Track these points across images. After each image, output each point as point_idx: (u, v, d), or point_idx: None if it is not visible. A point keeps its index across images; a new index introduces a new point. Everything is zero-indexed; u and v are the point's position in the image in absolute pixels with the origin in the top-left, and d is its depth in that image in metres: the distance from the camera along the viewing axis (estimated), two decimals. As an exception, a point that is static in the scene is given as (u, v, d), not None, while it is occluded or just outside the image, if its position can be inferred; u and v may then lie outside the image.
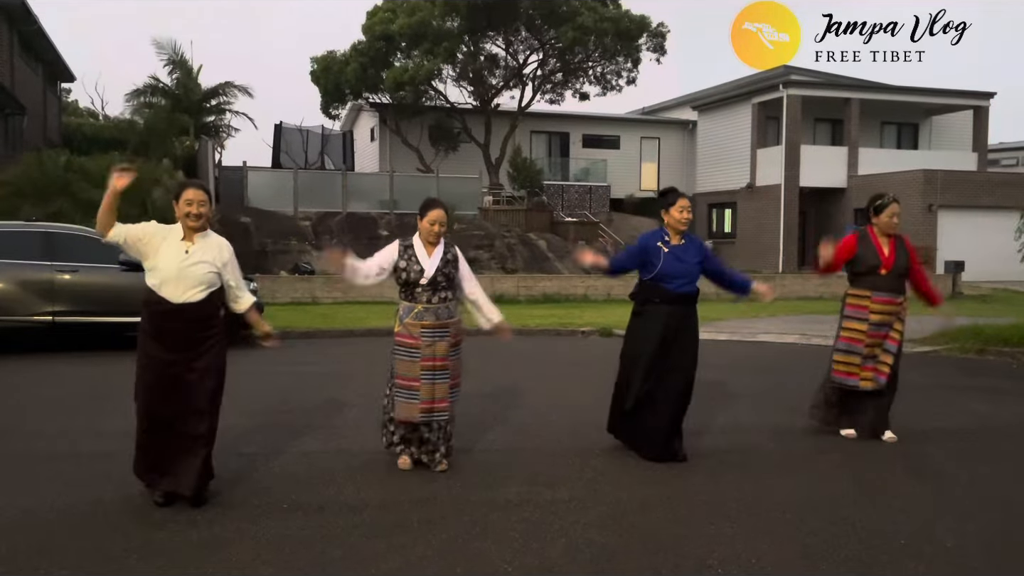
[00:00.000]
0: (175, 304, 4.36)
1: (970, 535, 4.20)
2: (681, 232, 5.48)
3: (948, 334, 11.51)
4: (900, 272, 5.96)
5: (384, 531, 4.13)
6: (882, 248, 5.95)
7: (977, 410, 7.36)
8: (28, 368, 9.25)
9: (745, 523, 4.30)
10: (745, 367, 9.72)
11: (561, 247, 24.37)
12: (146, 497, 4.52)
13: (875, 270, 5.92)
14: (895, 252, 5.95)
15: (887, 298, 5.91)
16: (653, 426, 5.38)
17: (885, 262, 5.91)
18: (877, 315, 5.91)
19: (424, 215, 5.09)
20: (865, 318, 5.93)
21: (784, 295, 19.99)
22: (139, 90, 26.13)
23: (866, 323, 5.92)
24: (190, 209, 4.43)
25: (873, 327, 5.91)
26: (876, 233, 6.00)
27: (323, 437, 6.02)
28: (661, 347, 5.36)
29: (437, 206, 5.12)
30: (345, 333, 12.67)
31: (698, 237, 5.71)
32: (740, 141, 30.02)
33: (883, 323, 5.92)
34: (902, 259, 5.96)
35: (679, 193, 5.56)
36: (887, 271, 5.91)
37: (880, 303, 5.90)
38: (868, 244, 5.98)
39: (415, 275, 5.00)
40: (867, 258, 5.94)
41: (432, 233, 5.05)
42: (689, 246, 5.49)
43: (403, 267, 5.03)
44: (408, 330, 5.00)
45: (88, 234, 11.00)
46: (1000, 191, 26.02)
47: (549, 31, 27.13)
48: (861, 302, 5.96)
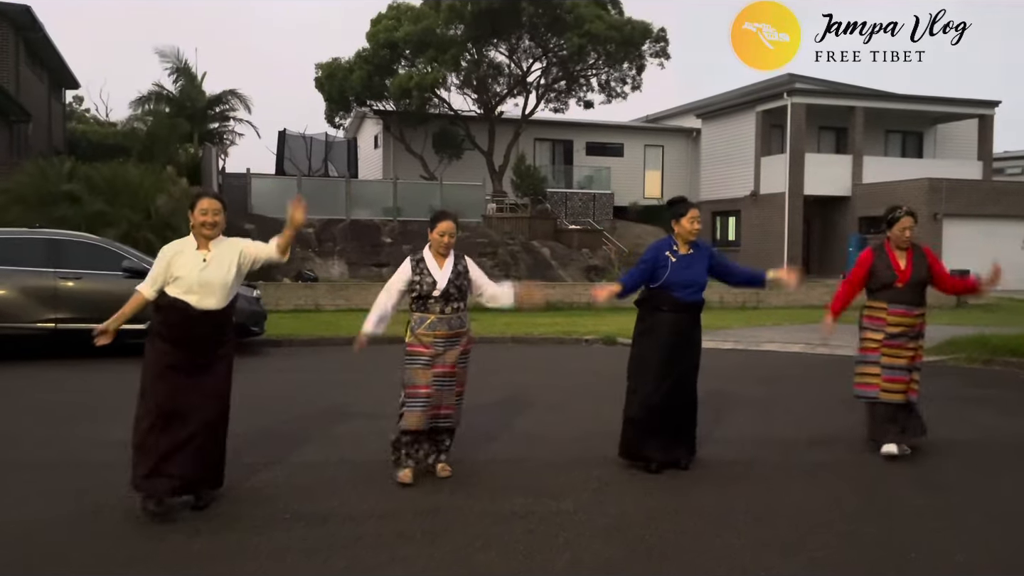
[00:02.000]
0: (199, 310, 4.48)
1: (979, 549, 4.15)
2: (690, 242, 5.47)
3: (956, 343, 11.45)
4: (918, 284, 5.90)
5: (387, 542, 4.09)
6: (897, 261, 5.90)
7: (985, 422, 7.31)
8: (30, 375, 9.24)
9: (752, 535, 4.26)
10: (750, 376, 9.67)
11: (565, 255, 24.34)
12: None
13: (891, 283, 5.87)
14: (912, 264, 5.88)
15: (903, 310, 5.86)
16: (661, 435, 5.35)
17: (901, 276, 5.85)
18: (894, 327, 5.86)
19: (434, 226, 5.15)
20: (881, 329, 5.88)
21: (789, 303, 19.93)
22: (143, 97, 26.22)
23: (882, 333, 5.87)
24: (205, 219, 4.56)
25: (889, 337, 5.85)
26: (891, 246, 5.95)
27: (326, 446, 5.99)
28: (672, 355, 5.36)
29: (447, 217, 5.20)
30: (348, 341, 12.53)
31: (706, 243, 5.68)
32: (744, 149, 30.00)
33: (900, 334, 5.85)
34: (920, 271, 5.89)
35: (690, 203, 5.56)
36: (903, 284, 5.85)
37: (897, 315, 5.85)
38: (883, 258, 5.93)
39: (428, 287, 5.06)
40: (882, 273, 5.90)
41: (443, 244, 5.12)
42: (696, 255, 5.48)
43: (416, 280, 5.09)
44: (420, 340, 5.06)
45: (91, 241, 11.01)
46: (1005, 200, 25.95)
47: (553, 39, 27.16)
48: (877, 314, 5.92)
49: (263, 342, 11.95)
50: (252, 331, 11.23)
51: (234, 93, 27.18)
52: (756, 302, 19.65)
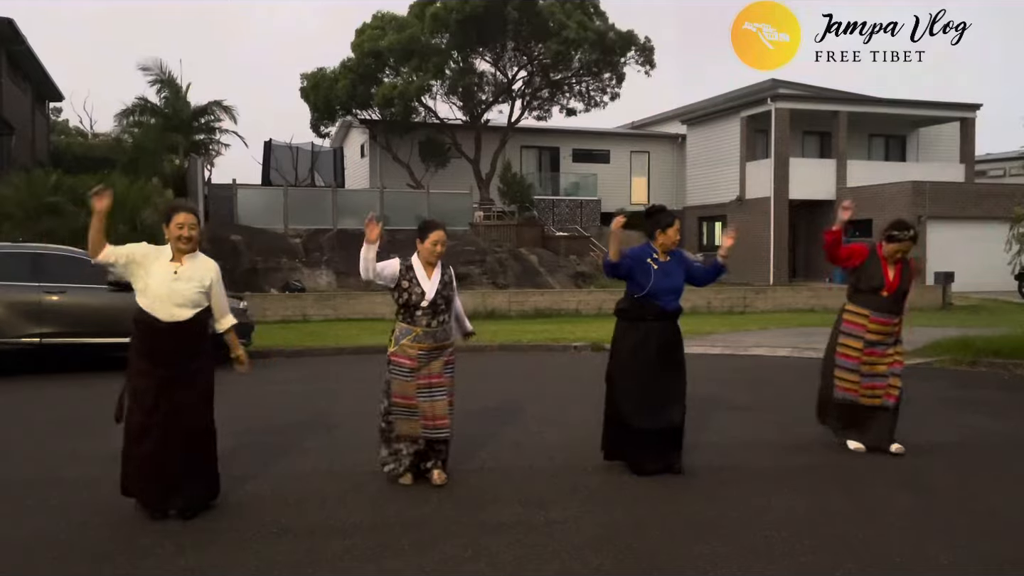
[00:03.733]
0: (165, 323, 4.47)
1: (965, 551, 4.18)
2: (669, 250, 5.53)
3: (941, 345, 11.52)
4: (901, 295, 6.02)
5: (375, 555, 4.07)
6: (888, 271, 5.98)
7: (971, 423, 7.35)
8: (13, 390, 9.15)
9: (740, 542, 4.26)
10: (738, 381, 9.69)
11: (552, 262, 24.36)
12: (132, 524, 4.46)
13: (878, 291, 5.95)
14: (899, 276, 6.00)
15: (885, 319, 5.96)
16: (656, 440, 5.39)
17: (888, 286, 5.95)
18: (873, 335, 5.96)
19: (425, 236, 5.14)
20: (861, 336, 5.98)
21: (775, 307, 20.02)
22: (128, 109, 26.09)
23: (862, 341, 5.97)
24: (181, 232, 4.56)
25: (868, 345, 5.96)
26: (883, 255, 6.02)
27: (313, 458, 5.96)
28: (658, 361, 5.41)
29: (438, 227, 5.20)
30: (336, 351, 12.59)
31: (678, 249, 5.71)
32: (729, 154, 30.17)
33: (878, 342, 5.97)
34: (905, 283, 6.02)
35: (671, 214, 5.62)
36: (889, 293, 5.95)
37: (877, 323, 5.95)
38: (875, 263, 6.02)
39: (416, 298, 5.05)
40: (872, 277, 5.98)
41: (434, 254, 5.13)
42: (674, 261, 5.57)
43: (405, 287, 5.07)
44: (404, 351, 5.05)
45: (76, 255, 10.91)
46: (988, 202, 26.17)
47: (536, 46, 27.25)
48: (859, 320, 6.00)
49: (250, 354, 11.68)
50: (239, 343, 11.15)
51: (219, 104, 27.12)
52: (743, 307, 19.73)
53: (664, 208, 5.72)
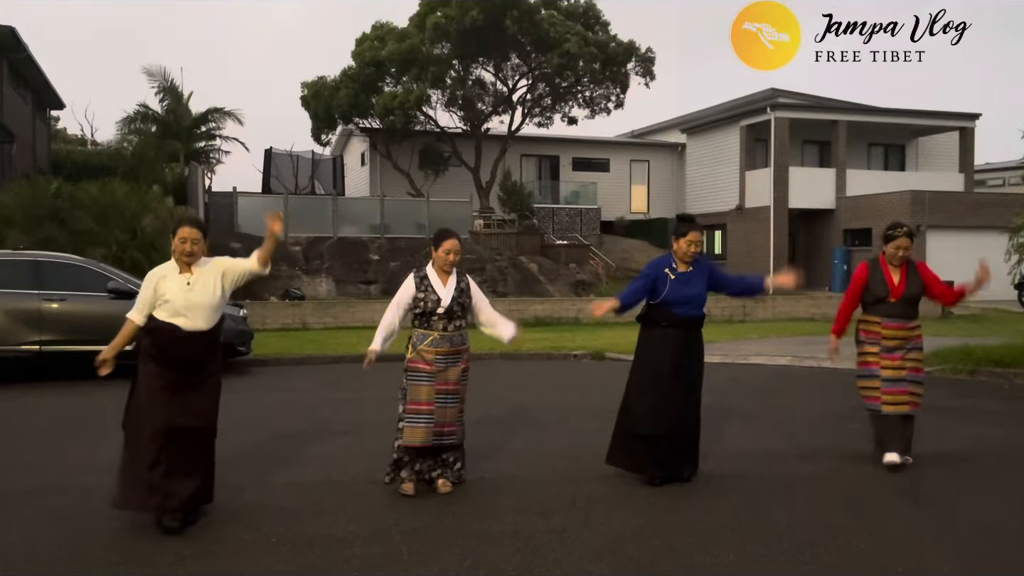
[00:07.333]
0: (186, 332, 4.56)
1: (967, 561, 4.16)
2: (689, 260, 5.51)
3: (941, 355, 11.51)
4: (911, 299, 5.99)
5: (375, 564, 4.06)
6: (891, 277, 5.97)
7: (972, 433, 7.33)
8: (12, 398, 9.13)
9: (742, 552, 4.25)
10: (738, 390, 9.68)
11: (552, 270, 24.35)
12: (132, 532, 4.44)
13: (884, 299, 5.95)
14: (906, 279, 5.97)
15: (898, 324, 5.94)
16: (666, 449, 5.39)
17: (894, 291, 5.93)
18: (889, 340, 5.94)
19: (439, 245, 5.26)
20: (877, 342, 5.97)
21: (775, 316, 20.01)
22: (129, 117, 26.15)
23: (878, 346, 5.95)
24: (184, 247, 4.65)
25: (885, 351, 5.93)
26: (886, 261, 6.02)
27: (312, 467, 5.94)
28: (671, 369, 5.41)
29: (451, 236, 5.33)
30: (336, 359, 12.58)
31: (706, 260, 5.71)
32: (729, 163, 30.20)
33: (896, 347, 5.92)
34: (914, 286, 5.98)
35: (692, 225, 5.59)
36: (896, 299, 5.93)
37: (891, 329, 5.94)
38: (877, 273, 6.01)
39: (432, 304, 5.15)
40: (876, 288, 5.98)
41: (448, 262, 5.24)
42: (695, 272, 5.54)
43: (421, 297, 5.18)
44: (422, 356, 5.12)
45: (76, 262, 10.92)
46: (987, 211, 26.17)
47: (538, 57, 27.31)
48: (872, 328, 6.00)
49: (250, 362, 11.88)
50: (239, 351, 11.16)
51: (220, 111, 27.16)
52: (743, 315, 19.71)
53: (688, 217, 5.73)
